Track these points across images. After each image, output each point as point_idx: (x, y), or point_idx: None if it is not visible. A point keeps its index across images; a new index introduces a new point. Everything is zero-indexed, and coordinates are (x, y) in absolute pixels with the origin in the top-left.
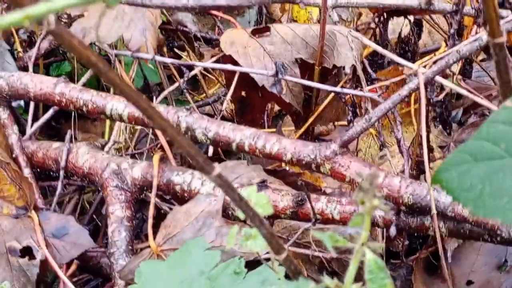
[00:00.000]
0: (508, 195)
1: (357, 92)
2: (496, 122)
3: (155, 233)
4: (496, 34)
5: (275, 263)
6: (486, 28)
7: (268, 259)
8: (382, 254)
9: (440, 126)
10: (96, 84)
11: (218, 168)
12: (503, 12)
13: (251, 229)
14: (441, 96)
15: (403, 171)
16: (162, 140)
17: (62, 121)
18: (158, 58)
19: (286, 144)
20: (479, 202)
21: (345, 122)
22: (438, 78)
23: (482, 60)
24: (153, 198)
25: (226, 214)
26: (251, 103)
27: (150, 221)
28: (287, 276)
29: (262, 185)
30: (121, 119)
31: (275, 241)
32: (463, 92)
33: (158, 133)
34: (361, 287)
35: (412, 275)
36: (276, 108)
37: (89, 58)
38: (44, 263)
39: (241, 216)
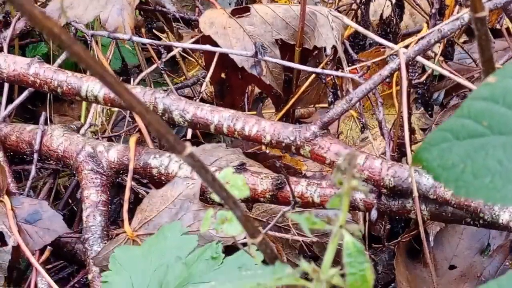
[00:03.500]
0: (490, 174)
1: (338, 73)
2: (478, 99)
3: (131, 218)
4: (478, 8)
5: (252, 248)
6: (468, 2)
7: (245, 244)
8: (362, 236)
9: (422, 108)
10: (73, 65)
11: (190, 147)
12: None
13: (227, 212)
14: (423, 78)
15: (384, 153)
16: (140, 123)
17: (38, 104)
18: (136, 38)
19: (266, 126)
20: (461, 182)
21: (326, 105)
22: (420, 59)
23: (464, 42)
24: (129, 182)
25: (204, 198)
26: (231, 85)
27: (125, 206)
28: (265, 261)
29: (241, 168)
30: (96, 100)
31: (250, 224)
32: (445, 73)
33: (136, 115)
34: (339, 271)
35: (394, 259)
36: (257, 90)
37: (51, 29)
38: (17, 249)
39: (216, 198)
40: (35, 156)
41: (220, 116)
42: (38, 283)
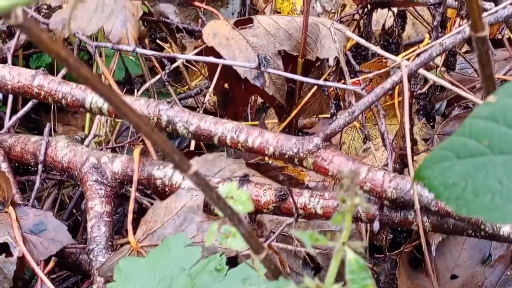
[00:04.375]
0: (491, 192)
1: (340, 85)
2: (479, 118)
3: (135, 228)
4: (479, 27)
5: (256, 262)
6: (469, 21)
7: (249, 256)
8: (365, 252)
9: (424, 119)
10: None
11: (195, 165)
12: (486, 5)
13: (231, 227)
14: (424, 89)
15: (387, 165)
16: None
17: (41, 114)
18: (140, 50)
19: (269, 137)
20: (461, 200)
21: (328, 115)
22: (422, 71)
23: (466, 52)
24: (133, 193)
25: (208, 209)
26: (234, 95)
27: (130, 217)
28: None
29: (244, 179)
30: (101, 112)
31: (254, 240)
32: (446, 84)
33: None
34: (342, 287)
35: (396, 269)
36: (260, 100)
37: (58, 53)
38: (22, 260)
39: (221, 214)
40: (40, 167)
41: (223, 128)
42: None
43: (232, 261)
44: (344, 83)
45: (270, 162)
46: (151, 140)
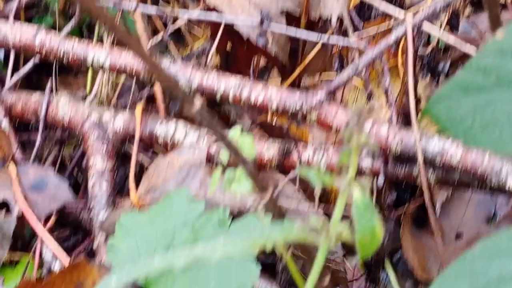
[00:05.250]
0: (499, 127)
1: (343, 41)
2: (486, 54)
3: (137, 186)
4: None
5: (260, 210)
6: None
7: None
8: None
9: (428, 78)
10: (78, 36)
11: (199, 102)
12: None
13: (234, 172)
14: (428, 50)
15: (390, 120)
16: (157, 91)
17: (43, 76)
18: (142, 8)
19: (272, 93)
20: (469, 135)
21: (331, 77)
22: (426, 27)
23: (468, 17)
24: (135, 149)
25: (211, 165)
26: (237, 56)
27: (132, 173)
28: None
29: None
30: (103, 69)
31: (259, 181)
32: (450, 39)
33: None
34: (348, 227)
35: (400, 229)
36: (263, 61)
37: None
38: (21, 218)
39: (225, 159)
40: (41, 125)
41: (226, 84)
42: (43, 251)
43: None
44: (347, 41)
45: (273, 122)
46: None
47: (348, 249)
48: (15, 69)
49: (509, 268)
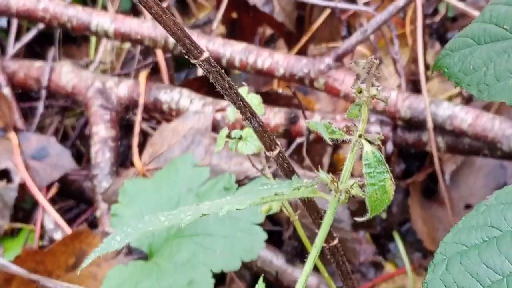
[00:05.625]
0: None
1: (352, 6)
2: (499, 4)
3: (141, 154)
4: None
5: (268, 171)
6: None
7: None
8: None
9: (437, 47)
10: (82, 1)
11: (207, 53)
12: None
13: (241, 131)
14: (437, 18)
15: (399, 87)
16: (161, 60)
17: (46, 47)
18: None
19: (279, 59)
20: (482, 85)
21: (338, 45)
22: None
23: None
24: (139, 116)
25: (216, 132)
26: (243, 25)
27: (135, 140)
28: None
29: None
30: (106, 35)
31: (267, 136)
32: (460, 6)
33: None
34: (358, 183)
35: (409, 199)
36: (268, 32)
37: None
38: (23, 186)
39: (231, 117)
40: (43, 92)
41: (232, 50)
42: (44, 220)
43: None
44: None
45: (279, 91)
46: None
47: (356, 223)
48: (18, 38)
49: None
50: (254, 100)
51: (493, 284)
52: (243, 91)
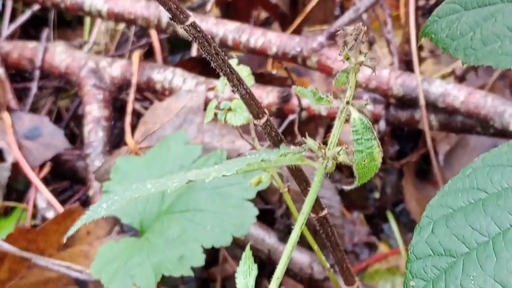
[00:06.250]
0: (500, 39)
1: None
2: None
3: (133, 132)
4: None
5: (257, 142)
6: None
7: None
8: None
9: None
10: None
11: (192, 17)
12: None
13: (230, 102)
14: (431, 1)
15: (392, 65)
16: (155, 40)
17: (40, 29)
18: None
19: (272, 37)
20: (469, 50)
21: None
22: None
23: None
24: (132, 95)
25: None
26: (237, 8)
27: (128, 118)
28: None
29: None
30: (100, 15)
31: (255, 104)
32: None
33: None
34: (345, 149)
35: (402, 180)
36: (262, 16)
37: None
38: (16, 166)
39: (221, 88)
40: (37, 73)
41: (225, 29)
42: (37, 200)
43: None
44: None
45: (273, 72)
46: None
47: (349, 203)
48: (12, 20)
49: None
50: (243, 72)
51: (479, 246)
52: (233, 62)
